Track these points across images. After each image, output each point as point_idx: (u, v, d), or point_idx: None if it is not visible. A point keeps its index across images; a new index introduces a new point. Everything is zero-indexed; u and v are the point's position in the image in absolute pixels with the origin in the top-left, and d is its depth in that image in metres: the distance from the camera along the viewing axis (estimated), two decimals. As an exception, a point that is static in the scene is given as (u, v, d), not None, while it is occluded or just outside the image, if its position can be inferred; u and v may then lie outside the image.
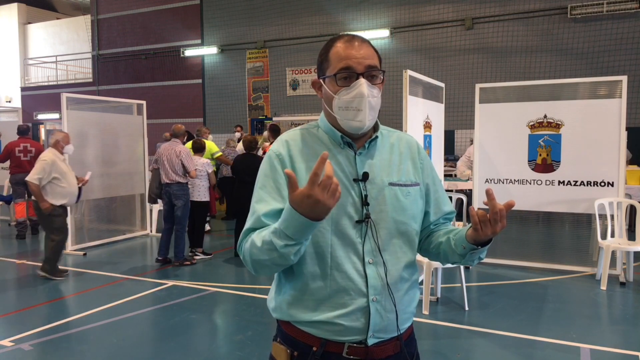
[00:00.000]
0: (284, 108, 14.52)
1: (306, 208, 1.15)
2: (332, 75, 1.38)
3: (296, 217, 1.17)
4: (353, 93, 1.35)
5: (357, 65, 1.36)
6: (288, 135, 1.46)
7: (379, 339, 1.36)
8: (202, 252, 6.71)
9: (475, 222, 1.29)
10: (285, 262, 1.27)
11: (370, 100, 1.36)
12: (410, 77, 5.19)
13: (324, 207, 1.15)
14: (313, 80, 1.49)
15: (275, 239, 1.23)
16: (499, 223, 1.27)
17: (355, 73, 1.36)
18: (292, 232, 1.20)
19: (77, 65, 19.42)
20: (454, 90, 11.60)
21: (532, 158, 5.95)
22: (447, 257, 1.46)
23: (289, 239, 1.22)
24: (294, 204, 1.17)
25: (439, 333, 4.10)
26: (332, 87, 1.39)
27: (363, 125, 1.37)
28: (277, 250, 1.23)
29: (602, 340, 3.90)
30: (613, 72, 10.57)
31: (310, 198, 1.13)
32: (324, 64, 1.42)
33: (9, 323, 4.40)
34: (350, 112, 1.36)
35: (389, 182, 1.40)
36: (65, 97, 7.01)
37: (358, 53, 1.37)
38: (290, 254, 1.24)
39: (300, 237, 1.21)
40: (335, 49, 1.39)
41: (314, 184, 1.13)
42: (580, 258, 6.15)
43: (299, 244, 1.23)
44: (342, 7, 13.51)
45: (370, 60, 1.37)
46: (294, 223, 1.19)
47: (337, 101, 1.38)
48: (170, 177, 6.20)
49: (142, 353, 3.75)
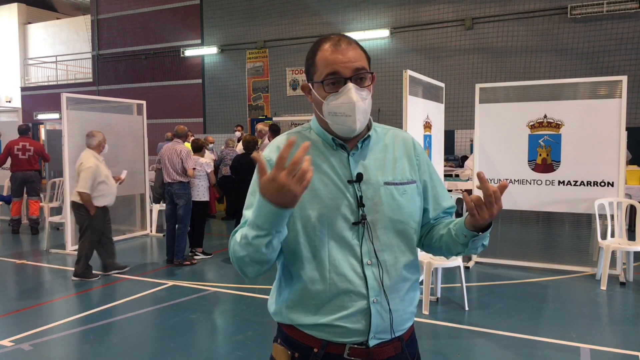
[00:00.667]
0: (284, 108, 14.52)
1: (272, 193, 1.15)
2: (319, 81, 1.36)
3: (263, 204, 1.18)
4: (341, 99, 1.33)
5: (344, 69, 1.33)
6: (280, 139, 1.44)
7: (380, 339, 1.36)
8: (202, 252, 6.73)
9: (470, 207, 1.28)
10: (260, 256, 1.25)
11: (360, 104, 1.34)
12: (410, 77, 5.19)
13: (289, 192, 1.13)
14: (302, 84, 1.47)
15: (248, 230, 1.24)
16: (494, 205, 1.27)
17: (342, 78, 1.34)
18: (262, 221, 1.20)
19: (77, 65, 19.42)
20: (454, 90, 11.60)
21: (532, 158, 5.95)
22: (450, 248, 1.44)
23: (258, 229, 1.21)
24: (261, 189, 1.17)
25: (439, 333, 4.09)
26: (321, 93, 1.36)
27: (353, 130, 1.36)
28: (250, 243, 1.23)
29: (602, 340, 3.90)
30: (613, 72, 10.57)
31: (274, 182, 1.13)
32: (311, 69, 1.40)
33: (9, 323, 4.40)
34: (339, 118, 1.34)
35: (384, 182, 1.38)
36: (65, 97, 7.01)
37: (345, 57, 1.33)
38: (261, 246, 1.23)
39: (270, 226, 1.20)
40: (321, 53, 1.36)
41: (280, 169, 1.12)
42: (580, 258, 6.15)
43: (269, 235, 1.21)
44: (342, 7, 13.51)
45: (357, 63, 1.34)
46: (262, 211, 1.19)
47: (326, 106, 1.36)
48: (171, 176, 6.23)
49: (142, 353, 3.75)
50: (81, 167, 5.55)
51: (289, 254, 1.37)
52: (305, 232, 1.34)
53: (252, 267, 1.30)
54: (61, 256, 6.92)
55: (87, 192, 5.49)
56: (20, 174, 8.37)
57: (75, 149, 7.11)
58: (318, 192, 1.34)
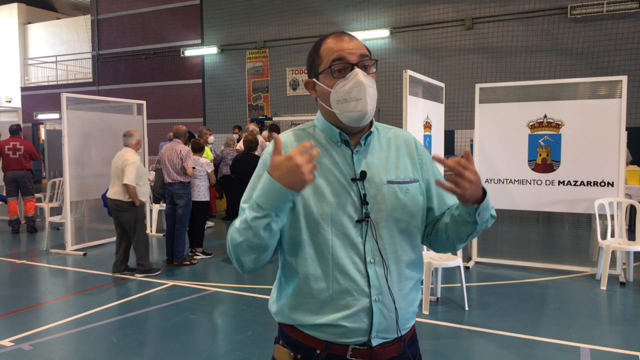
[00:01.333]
0: (284, 108, 14.52)
1: (283, 171, 1.18)
2: (326, 68, 1.37)
3: (269, 183, 1.20)
4: (351, 83, 1.34)
5: (350, 55, 1.36)
6: (283, 136, 1.44)
7: (383, 339, 1.35)
8: (202, 252, 6.73)
9: (448, 188, 1.28)
10: (259, 241, 1.25)
11: (369, 89, 1.35)
12: (410, 77, 5.19)
13: (300, 174, 1.17)
14: (306, 81, 1.47)
15: (249, 212, 1.25)
16: (466, 171, 1.25)
17: (349, 64, 1.35)
18: (263, 200, 1.21)
19: (77, 65, 19.41)
20: (454, 90, 11.60)
21: (532, 158, 5.95)
22: (460, 234, 1.40)
23: (259, 209, 1.22)
24: (272, 168, 1.20)
25: (439, 333, 4.09)
26: (328, 82, 1.37)
27: (365, 113, 1.35)
28: (250, 225, 1.24)
29: (602, 340, 3.90)
30: (613, 72, 10.57)
31: (291, 161, 1.17)
32: (315, 61, 1.41)
33: (9, 323, 4.40)
34: (350, 104, 1.35)
35: (387, 180, 1.38)
36: (65, 97, 7.01)
37: (349, 45, 1.37)
38: (260, 228, 1.23)
39: (270, 206, 1.21)
40: (325, 45, 1.39)
41: (299, 152, 1.18)
42: (580, 258, 6.15)
43: (268, 217, 1.22)
44: (342, 7, 13.51)
45: (362, 50, 1.38)
46: (266, 189, 1.21)
47: (334, 95, 1.36)
48: (172, 176, 6.25)
49: (142, 353, 3.75)
50: (126, 163, 5.70)
51: (292, 250, 1.36)
52: (309, 229, 1.34)
53: (249, 255, 1.29)
54: (61, 256, 6.92)
55: (134, 185, 5.66)
56: (11, 174, 8.48)
57: (75, 149, 7.12)
58: (322, 189, 1.34)
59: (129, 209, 5.73)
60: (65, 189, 7.07)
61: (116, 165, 5.80)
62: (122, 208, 5.74)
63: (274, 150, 1.21)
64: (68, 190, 7.02)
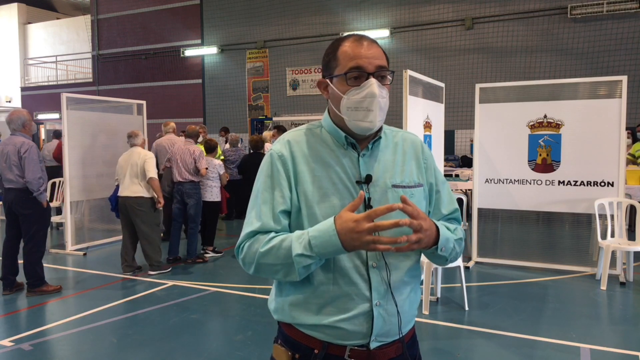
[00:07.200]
0: (284, 108, 14.52)
1: (345, 230, 1.18)
2: (341, 74, 1.35)
3: (330, 232, 1.20)
4: (364, 93, 1.32)
5: (368, 64, 1.33)
6: (290, 135, 1.43)
7: (381, 342, 1.35)
8: (212, 250, 6.83)
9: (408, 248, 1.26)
10: (293, 272, 1.26)
11: (381, 100, 1.33)
12: (410, 77, 5.19)
13: (358, 241, 1.17)
14: (319, 80, 1.45)
15: (295, 244, 1.24)
16: (424, 222, 1.25)
17: (365, 73, 1.33)
18: (316, 243, 1.21)
19: (77, 65, 19.42)
20: (454, 90, 11.60)
21: (532, 158, 5.95)
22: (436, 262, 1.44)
23: (309, 249, 1.22)
24: (340, 221, 1.19)
25: (439, 333, 4.09)
26: (341, 87, 1.35)
27: (373, 126, 1.34)
28: (293, 260, 1.24)
29: (602, 340, 3.90)
30: (613, 72, 10.57)
31: (357, 224, 1.16)
32: (331, 63, 1.38)
33: (9, 323, 4.40)
34: (360, 113, 1.33)
35: (392, 184, 1.38)
36: (65, 97, 7.01)
37: (368, 52, 1.34)
38: (301, 265, 1.24)
39: (320, 252, 1.21)
40: (343, 48, 1.36)
41: (368, 219, 1.17)
42: (580, 258, 6.15)
43: (313, 258, 1.23)
44: (342, 7, 13.51)
45: (380, 61, 1.35)
46: (325, 237, 1.20)
47: (345, 101, 1.34)
48: (183, 175, 6.30)
49: (142, 353, 3.75)
50: (145, 158, 5.80)
51: None
52: None
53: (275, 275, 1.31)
54: (61, 256, 6.92)
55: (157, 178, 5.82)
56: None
57: (75, 149, 7.12)
58: (327, 192, 1.34)
59: (147, 207, 5.82)
60: (65, 189, 7.07)
61: (133, 162, 5.80)
62: (142, 205, 5.78)
63: (352, 205, 1.20)
64: (68, 190, 7.02)
